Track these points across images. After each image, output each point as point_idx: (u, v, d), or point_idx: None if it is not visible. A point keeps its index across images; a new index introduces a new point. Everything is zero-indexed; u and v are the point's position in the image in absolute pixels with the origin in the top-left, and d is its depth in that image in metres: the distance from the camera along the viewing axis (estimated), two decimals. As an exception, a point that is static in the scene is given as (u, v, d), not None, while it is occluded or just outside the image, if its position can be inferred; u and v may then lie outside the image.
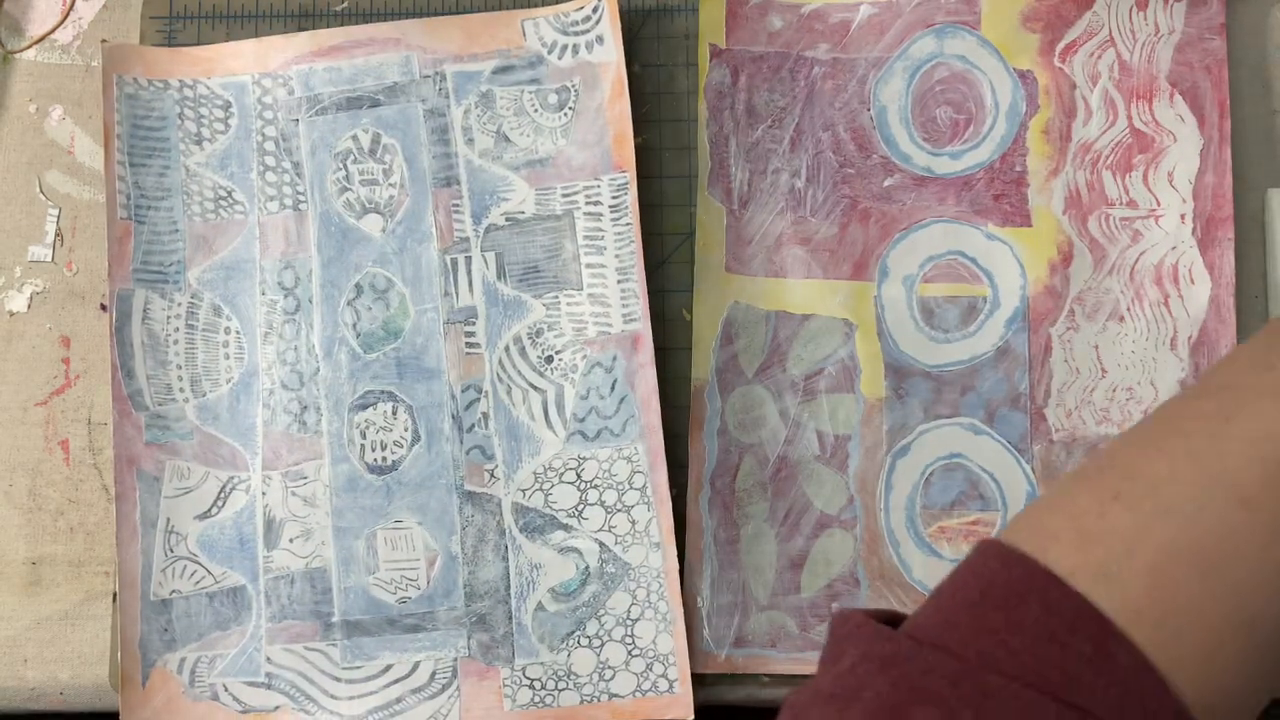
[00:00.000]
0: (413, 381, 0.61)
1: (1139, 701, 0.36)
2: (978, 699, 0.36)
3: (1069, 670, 0.36)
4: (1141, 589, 0.37)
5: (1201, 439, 0.40)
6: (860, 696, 0.37)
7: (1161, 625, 0.37)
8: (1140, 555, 0.38)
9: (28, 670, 0.61)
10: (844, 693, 0.37)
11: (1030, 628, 0.37)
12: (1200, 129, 0.62)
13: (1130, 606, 0.37)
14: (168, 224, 0.63)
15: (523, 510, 0.60)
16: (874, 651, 0.38)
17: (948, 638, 0.38)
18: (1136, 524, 0.39)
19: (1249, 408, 0.40)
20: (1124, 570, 0.38)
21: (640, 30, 0.65)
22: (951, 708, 0.36)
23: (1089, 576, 0.38)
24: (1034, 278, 0.62)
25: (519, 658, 0.60)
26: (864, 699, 0.37)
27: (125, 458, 0.60)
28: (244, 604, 0.60)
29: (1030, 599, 0.38)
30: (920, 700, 0.36)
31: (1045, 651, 0.37)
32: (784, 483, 0.61)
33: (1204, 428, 0.40)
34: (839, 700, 0.37)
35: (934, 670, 0.36)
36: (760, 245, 0.62)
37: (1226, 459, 0.39)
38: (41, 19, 0.66)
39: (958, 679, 0.36)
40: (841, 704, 0.37)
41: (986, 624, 0.38)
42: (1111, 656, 0.36)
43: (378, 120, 0.63)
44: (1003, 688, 0.36)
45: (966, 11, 0.63)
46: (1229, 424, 0.40)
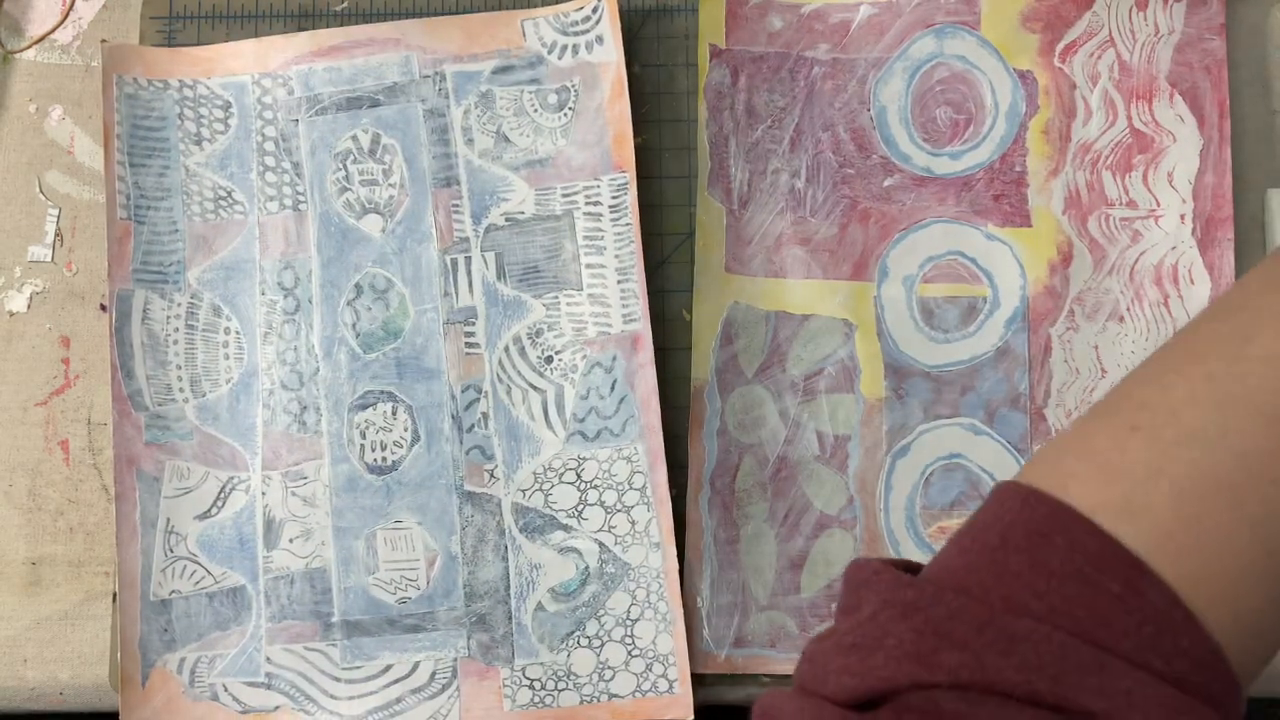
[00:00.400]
0: (412, 381, 0.61)
1: (1171, 639, 0.35)
2: (1004, 643, 0.35)
3: (1098, 610, 0.35)
4: (1167, 519, 0.36)
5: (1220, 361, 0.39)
6: (883, 644, 0.36)
7: (1190, 555, 0.36)
8: (1164, 484, 0.37)
9: (28, 670, 0.61)
10: (866, 641, 0.36)
11: (1056, 568, 0.36)
12: (1200, 129, 0.62)
13: (1157, 539, 0.36)
14: (167, 224, 0.63)
15: (522, 510, 0.60)
16: (895, 598, 0.37)
17: (970, 582, 0.37)
18: (1158, 453, 0.37)
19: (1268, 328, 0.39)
20: (1148, 502, 0.37)
21: (640, 30, 0.65)
22: (978, 653, 0.35)
23: (1112, 512, 0.37)
24: (1034, 278, 0.62)
25: (519, 658, 0.60)
26: (887, 646, 0.36)
27: (125, 458, 0.60)
28: (244, 604, 0.60)
29: (1054, 538, 0.37)
30: (946, 646, 0.35)
31: (1073, 592, 0.36)
32: (784, 483, 0.61)
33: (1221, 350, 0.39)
34: (861, 649, 0.36)
35: (958, 615, 0.36)
36: (760, 245, 0.62)
37: (1248, 379, 0.38)
38: (41, 19, 0.66)
39: (983, 624, 0.35)
40: (864, 652, 0.36)
41: (1009, 567, 0.37)
42: (1142, 594, 0.36)
43: (377, 120, 0.63)
44: (1030, 631, 0.35)
45: (966, 11, 0.63)
46: (1248, 344, 0.39)
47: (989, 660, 0.35)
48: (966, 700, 0.35)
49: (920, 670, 0.35)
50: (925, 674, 0.35)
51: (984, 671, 0.35)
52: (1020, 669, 0.35)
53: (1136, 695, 0.34)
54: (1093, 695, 0.34)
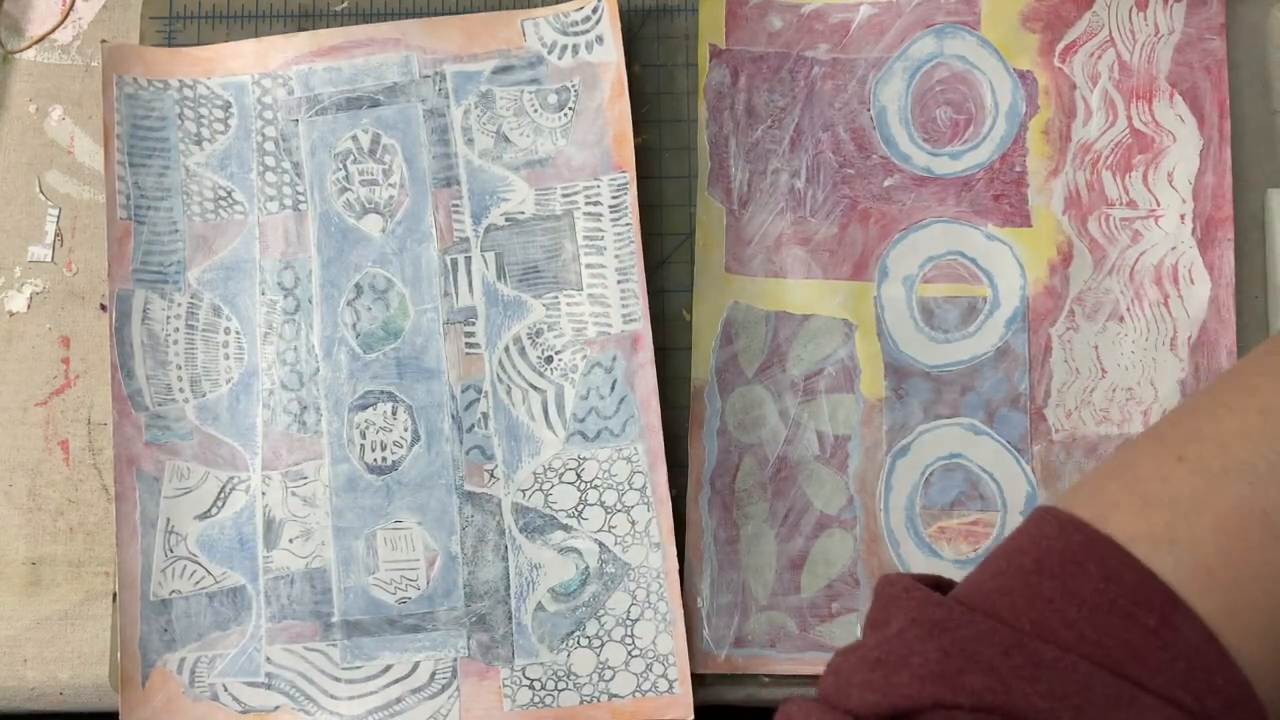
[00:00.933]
0: (412, 381, 0.61)
1: (1204, 677, 0.35)
2: (1030, 669, 0.34)
3: (1130, 643, 0.35)
4: (1209, 553, 0.36)
5: (1273, 395, 0.38)
6: (909, 662, 0.36)
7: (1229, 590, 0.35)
8: (1207, 516, 0.36)
9: (28, 670, 0.61)
10: (891, 658, 0.36)
11: (1089, 598, 0.36)
12: (1200, 129, 0.62)
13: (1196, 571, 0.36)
14: (167, 224, 0.63)
15: (522, 510, 0.60)
16: (923, 617, 0.36)
17: (1000, 605, 0.36)
18: (1204, 485, 0.37)
19: None
20: (1190, 534, 0.36)
21: (640, 30, 0.65)
22: (1004, 677, 0.34)
23: (1151, 543, 0.36)
24: (1034, 278, 0.62)
25: (519, 658, 0.60)
26: (912, 665, 0.35)
27: (125, 458, 0.60)
28: (244, 604, 0.60)
29: (1089, 567, 0.36)
30: (972, 668, 0.35)
31: (1105, 622, 0.35)
32: (784, 483, 0.61)
33: (1276, 384, 0.38)
34: (886, 665, 0.36)
35: (986, 638, 0.35)
36: (760, 245, 0.62)
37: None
38: (41, 19, 0.66)
39: (1010, 648, 0.35)
40: (889, 669, 0.36)
41: (1042, 593, 0.36)
42: (1176, 629, 0.35)
43: (378, 120, 0.63)
44: (1058, 659, 0.35)
45: (966, 12, 0.63)
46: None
47: (1014, 685, 0.34)
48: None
49: (944, 691, 0.35)
50: (949, 694, 0.35)
51: (1009, 696, 0.34)
52: (1045, 696, 0.34)
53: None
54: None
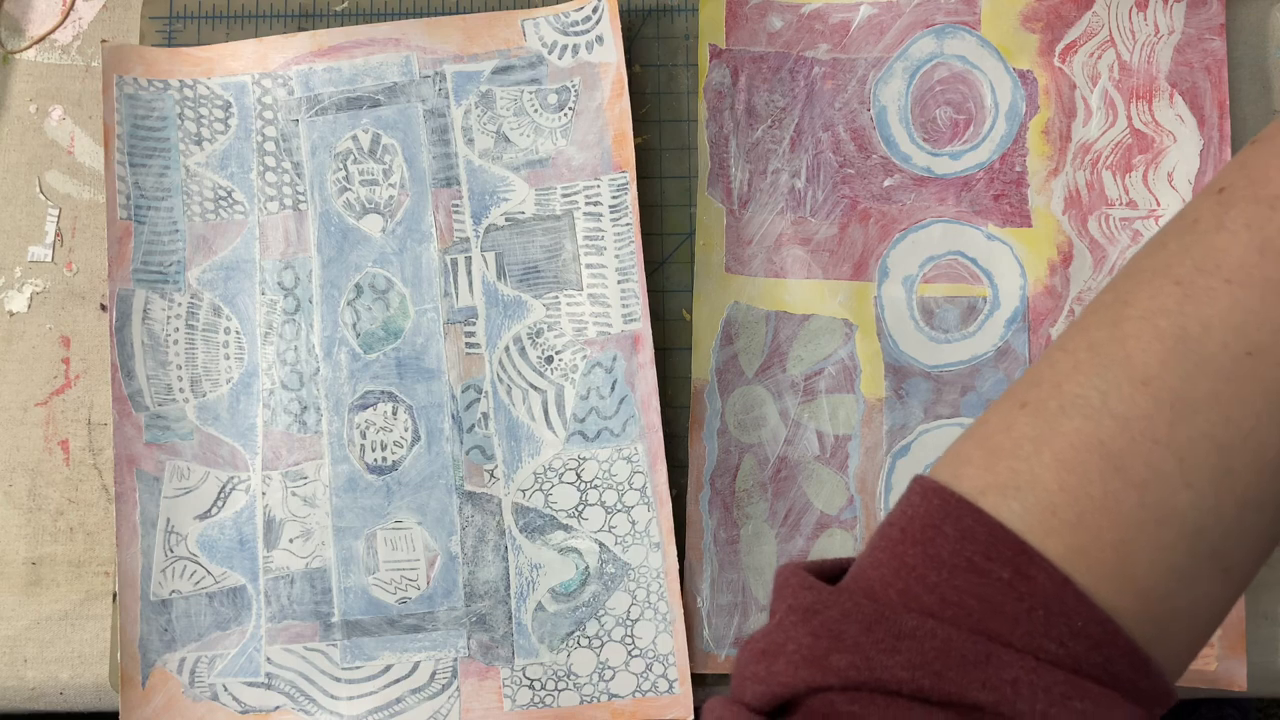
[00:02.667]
0: (413, 381, 0.61)
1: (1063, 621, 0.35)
2: (891, 641, 0.35)
3: (989, 599, 0.36)
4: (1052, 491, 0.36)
5: (1101, 329, 0.39)
6: (785, 649, 0.37)
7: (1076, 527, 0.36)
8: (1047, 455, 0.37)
9: (28, 670, 0.61)
10: (772, 648, 0.37)
11: (947, 559, 0.36)
12: (1200, 129, 0.62)
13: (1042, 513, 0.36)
14: (168, 224, 0.63)
15: (523, 510, 0.60)
16: (798, 603, 0.37)
17: (873, 579, 0.37)
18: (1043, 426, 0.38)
19: (1144, 287, 0.39)
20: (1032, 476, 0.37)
21: (640, 30, 0.65)
22: (866, 653, 0.35)
23: (998, 492, 0.37)
24: (1034, 278, 0.62)
25: (519, 658, 0.60)
26: (787, 651, 0.37)
27: (125, 458, 0.60)
28: (244, 604, 0.60)
29: (945, 529, 0.37)
30: (837, 648, 0.36)
31: (963, 582, 0.36)
32: (784, 483, 0.61)
33: (1104, 317, 0.39)
34: (768, 655, 0.37)
35: (851, 616, 0.36)
36: (760, 245, 0.62)
37: (1126, 342, 0.38)
38: (41, 19, 0.66)
39: (872, 623, 0.36)
40: (770, 659, 0.37)
41: (906, 561, 0.37)
42: (1030, 579, 0.36)
43: (378, 120, 0.63)
44: (917, 627, 0.35)
45: (966, 11, 0.63)
46: (1126, 307, 0.39)
47: (876, 660, 0.35)
48: (859, 702, 0.35)
49: (815, 674, 0.36)
50: (819, 677, 0.36)
51: (872, 671, 0.35)
52: (906, 667, 0.35)
53: (1023, 684, 0.35)
54: (977, 689, 0.35)
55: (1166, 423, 0.37)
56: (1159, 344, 0.37)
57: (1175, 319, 0.38)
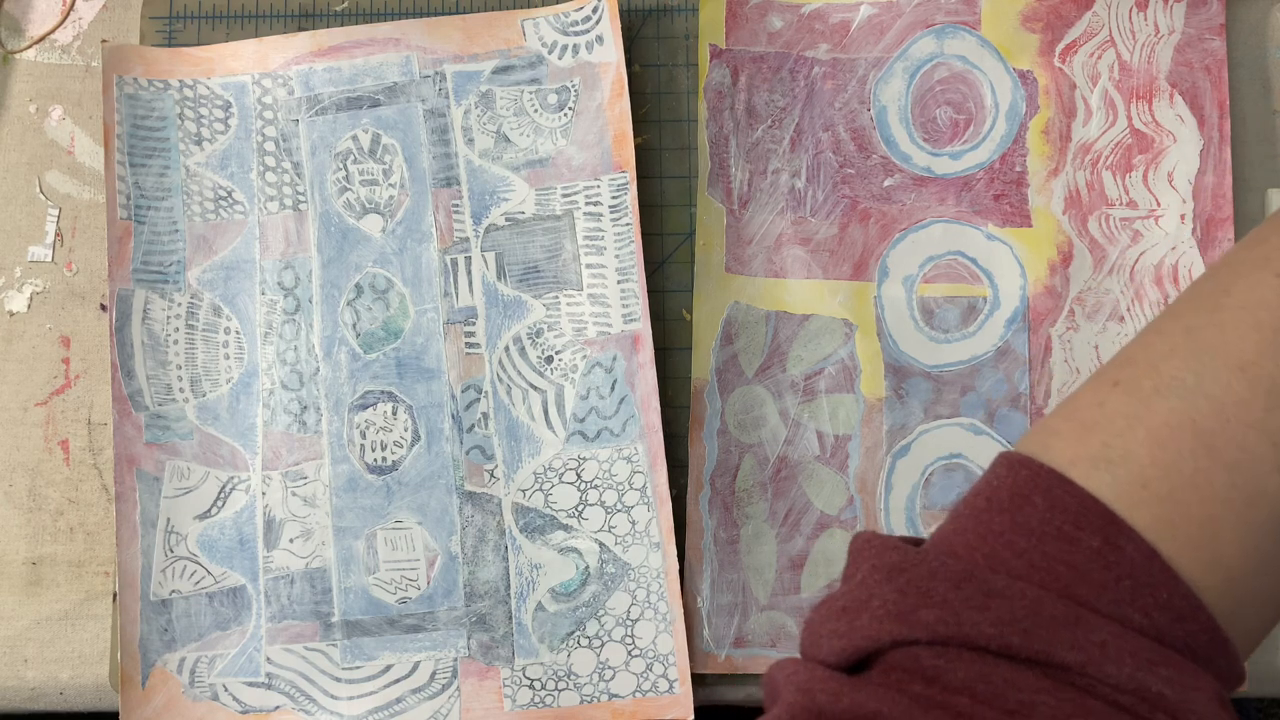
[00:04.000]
0: (413, 381, 0.61)
1: (1149, 593, 0.36)
2: (980, 599, 0.36)
3: (1077, 566, 0.36)
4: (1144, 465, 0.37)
5: (1200, 315, 0.39)
6: (869, 605, 0.37)
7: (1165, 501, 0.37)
8: (1140, 432, 0.38)
9: (28, 670, 0.61)
10: (854, 605, 0.37)
11: (1036, 527, 0.37)
12: (1200, 129, 0.62)
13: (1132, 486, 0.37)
14: (168, 224, 0.63)
15: (523, 510, 0.60)
16: (882, 562, 0.38)
17: (956, 544, 0.38)
18: (1136, 404, 0.38)
19: (1244, 279, 0.40)
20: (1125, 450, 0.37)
21: (640, 30, 0.65)
22: (955, 608, 0.36)
23: (1089, 464, 0.38)
24: (1034, 278, 0.62)
25: (519, 658, 0.60)
26: (872, 607, 0.37)
27: (125, 458, 0.60)
28: (244, 604, 0.60)
29: (1034, 498, 0.37)
30: (925, 604, 0.36)
31: (1052, 549, 0.36)
32: (784, 483, 0.61)
33: (1202, 305, 0.40)
34: (850, 612, 0.37)
35: (938, 574, 0.37)
36: (760, 245, 0.62)
37: (1225, 330, 0.38)
38: (41, 19, 0.66)
39: (960, 581, 0.36)
40: (852, 615, 0.37)
41: (993, 528, 0.38)
42: (1119, 548, 0.36)
43: (378, 120, 0.63)
44: (1007, 586, 0.36)
45: (966, 11, 0.63)
46: (1225, 296, 0.39)
47: (965, 615, 0.35)
48: (945, 656, 0.35)
49: (901, 628, 0.36)
50: (905, 631, 0.36)
51: (960, 626, 0.35)
52: (995, 624, 0.35)
53: (1110, 647, 0.35)
54: (1066, 648, 0.35)
55: (1262, 408, 0.37)
56: (1257, 333, 0.38)
57: (1275, 311, 0.38)
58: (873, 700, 0.35)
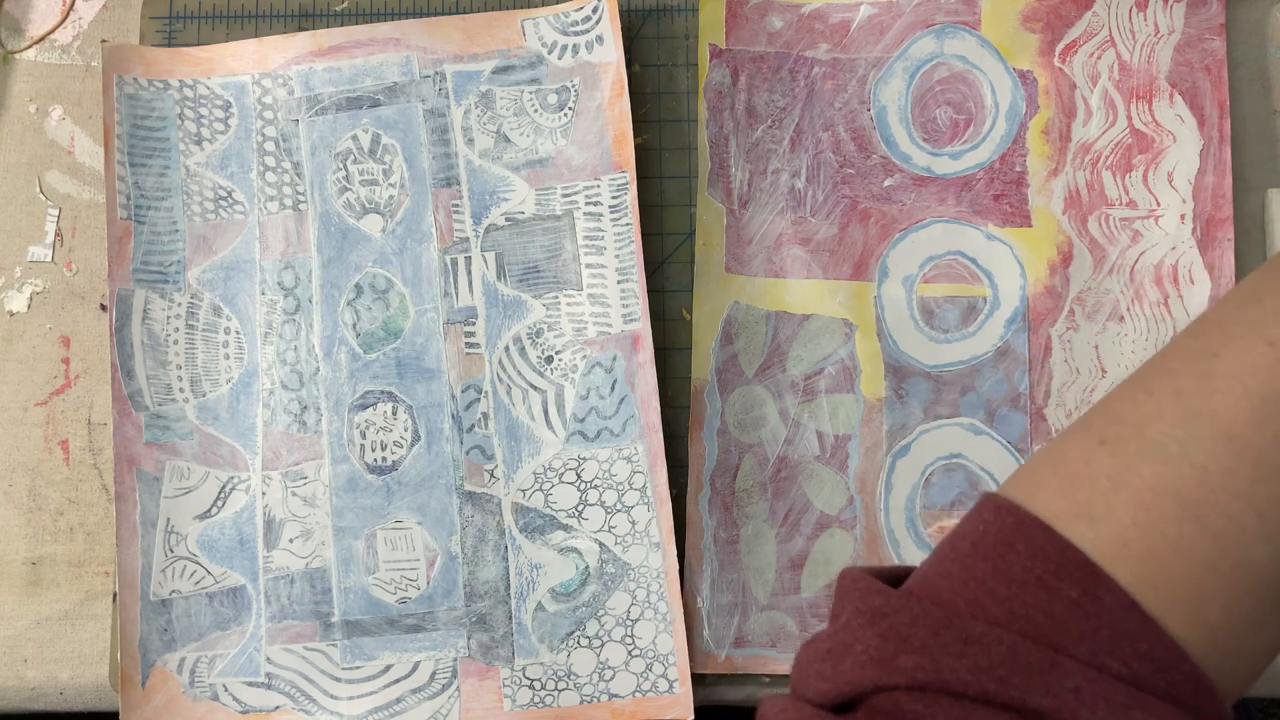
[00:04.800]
0: (413, 381, 0.61)
1: (1129, 643, 0.36)
2: (959, 645, 0.36)
3: (1055, 615, 0.37)
4: (1126, 526, 0.37)
5: (1189, 377, 0.39)
6: (852, 649, 0.38)
7: (1147, 561, 0.37)
8: (1124, 494, 0.38)
9: (28, 670, 0.61)
10: (838, 647, 0.38)
11: (1017, 575, 0.37)
12: (1200, 129, 0.62)
13: (1114, 544, 0.37)
14: (168, 224, 0.63)
15: (523, 510, 0.60)
16: (866, 606, 0.38)
17: (940, 588, 0.38)
18: (1121, 465, 0.38)
19: (1236, 343, 0.39)
20: (1108, 509, 0.38)
21: (640, 30, 0.65)
22: (933, 655, 0.36)
23: (1073, 518, 0.38)
24: (1034, 278, 0.62)
25: (519, 658, 0.60)
26: (855, 651, 0.38)
27: (125, 458, 0.60)
28: (244, 604, 0.60)
29: (1017, 546, 0.38)
30: (905, 650, 0.37)
31: (1031, 597, 0.37)
32: (784, 483, 0.61)
33: (1191, 366, 0.40)
34: (834, 655, 0.38)
35: (919, 620, 0.37)
36: (760, 245, 0.62)
37: (1214, 396, 0.38)
38: (41, 19, 0.66)
39: (940, 628, 0.37)
40: (836, 658, 0.38)
41: (975, 574, 0.38)
42: (1097, 598, 0.37)
43: (378, 120, 0.63)
44: (985, 633, 0.36)
45: (966, 11, 0.63)
46: (1215, 360, 0.39)
47: (943, 662, 0.36)
48: (924, 701, 0.36)
49: (881, 674, 0.37)
50: (885, 677, 0.37)
51: (939, 673, 0.36)
52: (971, 670, 0.36)
53: (1085, 693, 0.35)
54: (1040, 694, 0.35)
55: (1248, 479, 0.37)
56: (1246, 402, 0.38)
57: (1265, 380, 0.38)
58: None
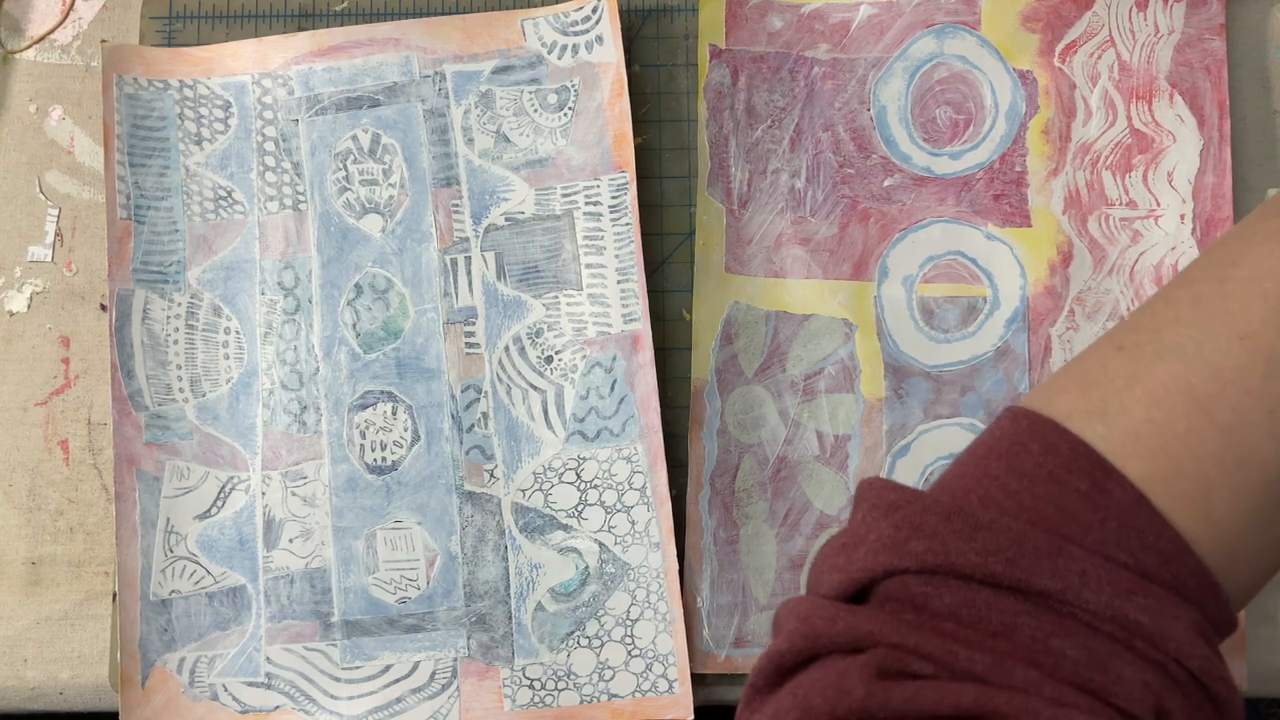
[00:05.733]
0: (412, 381, 0.61)
1: (1136, 535, 0.37)
2: (968, 530, 0.37)
3: (1065, 507, 0.37)
4: (1139, 421, 0.38)
5: (1207, 284, 0.40)
6: (865, 539, 0.39)
7: (1158, 456, 0.38)
8: (1138, 391, 0.39)
9: (28, 670, 0.61)
10: (852, 541, 0.39)
11: (1029, 470, 0.38)
12: (1200, 129, 0.62)
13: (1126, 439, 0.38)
14: (168, 224, 0.63)
15: (522, 510, 0.60)
16: (880, 500, 0.40)
17: (955, 487, 0.40)
18: (1137, 366, 0.39)
19: (1255, 249, 0.40)
20: (1121, 407, 0.39)
21: (640, 30, 0.65)
22: (943, 539, 0.37)
23: (1085, 416, 0.39)
24: (1034, 278, 0.62)
25: (519, 658, 0.60)
26: (868, 541, 0.39)
27: (125, 458, 0.60)
28: (244, 604, 0.60)
29: (1031, 445, 0.39)
30: (916, 536, 0.38)
31: (1041, 490, 0.38)
32: (784, 483, 0.61)
33: (1210, 274, 0.41)
34: (849, 547, 0.39)
35: (930, 510, 0.38)
36: (760, 245, 0.62)
37: (1230, 300, 0.39)
38: (41, 19, 0.66)
39: (950, 515, 0.38)
40: (850, 550, 0.39)
41: (988, 471, 0.39)
42: (1107, 492, 0.37)
43: (378, 120, 0.63)
44: (994, 521, 0.37)
45: (966, 11, 0.63)
46: (1233, 267, 0.40)
47: (952, 546, 0.37)
48: (932, 584, 0.37)
49: (893, 558, 0.38)
50: (897, 561, 0.38)
51: (947, 555, 0.37)
52: (979, 553, 0.37)
53: (1090, 576, 0.36)
54: (1045, 576, 0.36)
55: (1260, 376, 0.38)
56: (1262, 303, 0.39)
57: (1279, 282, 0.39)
58: (866, 623, 0.37)
